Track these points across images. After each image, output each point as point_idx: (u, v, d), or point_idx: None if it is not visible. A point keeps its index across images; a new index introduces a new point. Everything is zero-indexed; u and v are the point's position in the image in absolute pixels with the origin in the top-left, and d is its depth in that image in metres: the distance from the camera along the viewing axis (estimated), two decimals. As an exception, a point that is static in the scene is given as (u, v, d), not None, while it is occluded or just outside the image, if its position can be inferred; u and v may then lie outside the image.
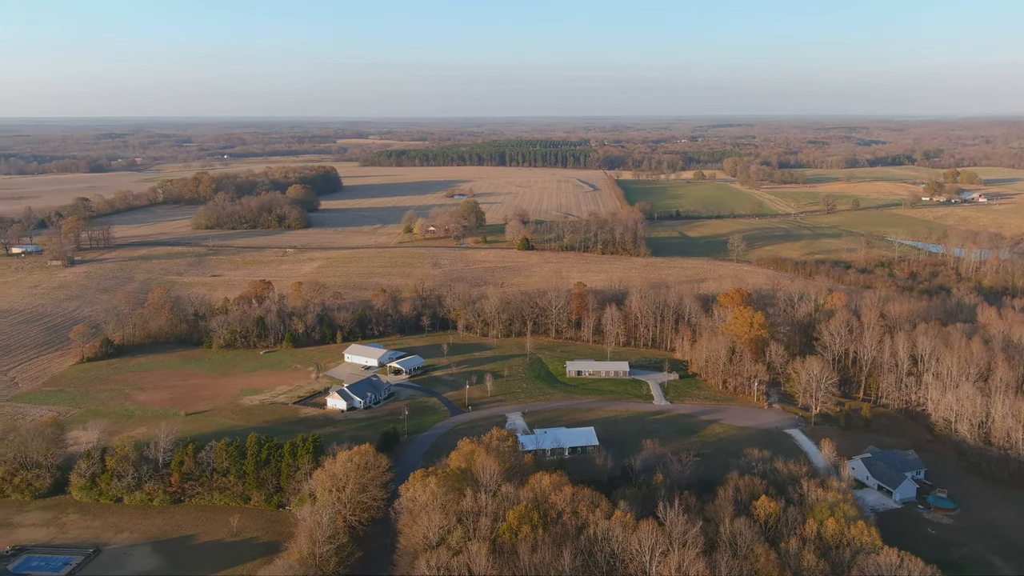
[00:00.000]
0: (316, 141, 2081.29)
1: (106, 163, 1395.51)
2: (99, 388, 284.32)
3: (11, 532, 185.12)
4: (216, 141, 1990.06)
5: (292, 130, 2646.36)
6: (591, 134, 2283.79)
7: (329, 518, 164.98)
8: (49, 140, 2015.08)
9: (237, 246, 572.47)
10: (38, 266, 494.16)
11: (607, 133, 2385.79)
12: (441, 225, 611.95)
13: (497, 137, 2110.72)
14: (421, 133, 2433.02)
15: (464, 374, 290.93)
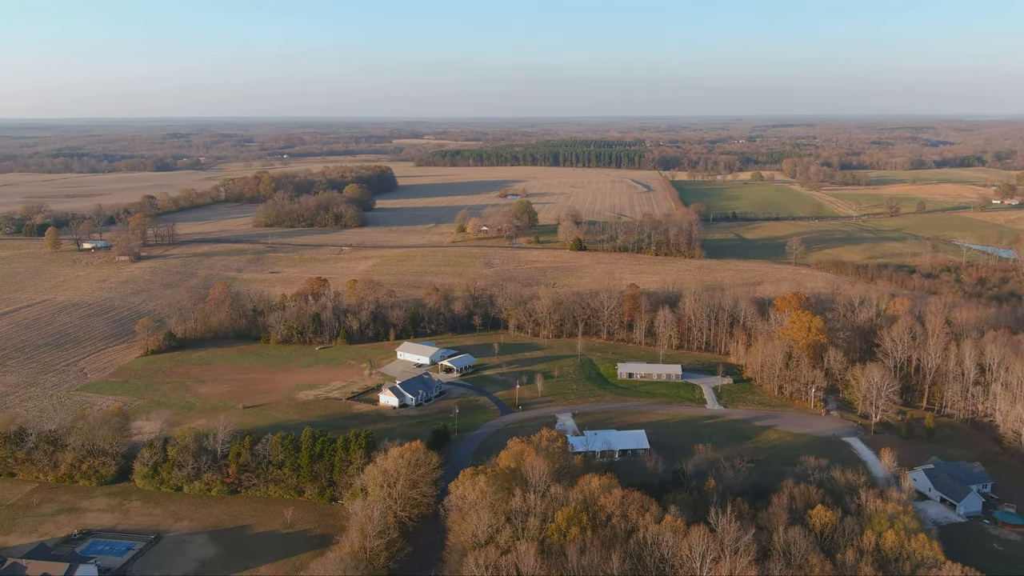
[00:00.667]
0: (372, 141, 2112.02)
1: (172, 162, 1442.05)
2: (162, 380, 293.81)
3: (79, 516, 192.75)
4: (276, 141, 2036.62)
5: (349, 130, 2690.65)
6: (646, 134, 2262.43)
7: (380, 513, 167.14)
8: (119, 140, 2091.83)
9: (295, 244, 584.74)
10: (107, 261, 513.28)
11: (662, 133, 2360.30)
12: (494, 225, 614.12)
13: (551, 137, 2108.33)
14: (475, 133, 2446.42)
15: (515, 374, 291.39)
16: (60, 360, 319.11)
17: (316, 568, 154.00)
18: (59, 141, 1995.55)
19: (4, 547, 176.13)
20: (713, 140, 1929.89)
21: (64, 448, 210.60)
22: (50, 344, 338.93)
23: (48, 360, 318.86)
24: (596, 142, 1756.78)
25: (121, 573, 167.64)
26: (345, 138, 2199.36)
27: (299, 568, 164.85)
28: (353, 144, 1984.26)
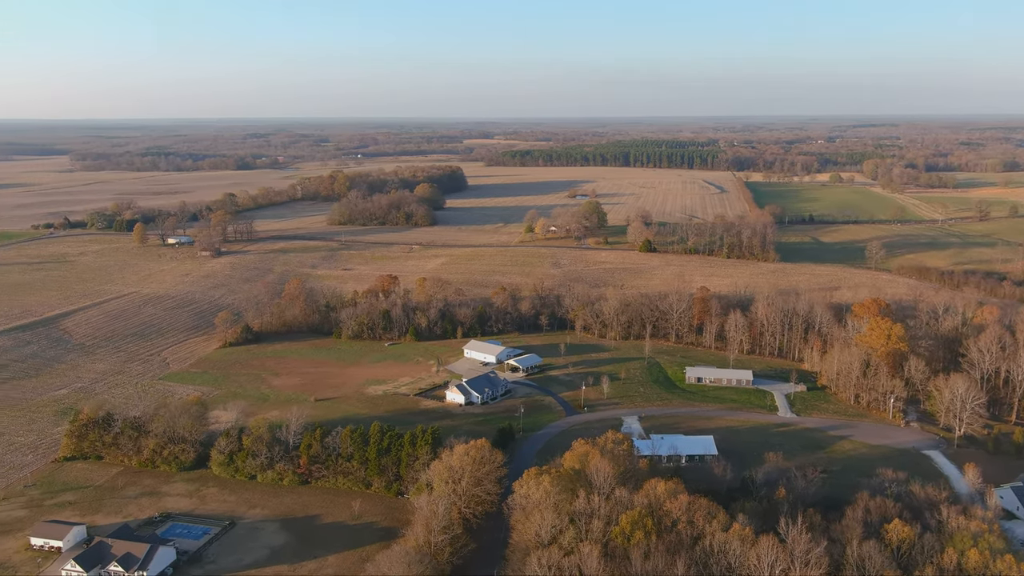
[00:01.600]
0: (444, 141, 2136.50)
1: (251, 161, 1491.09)
2: (239, 371, 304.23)
3: (159, 500, 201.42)
4: (351, 141, 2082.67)
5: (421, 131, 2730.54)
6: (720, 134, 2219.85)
7: (445, 509, 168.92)
8: (202, 139, 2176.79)
9: (367, 241, 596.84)
10: (189, 256, 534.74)
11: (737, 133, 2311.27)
12: (562, 225, 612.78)
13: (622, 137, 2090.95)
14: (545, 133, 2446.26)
15: (580, 375, 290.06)
16: (145, 350, 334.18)
17: (382, 560, 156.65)
18: (148, 141, 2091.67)
19: (92, 526, 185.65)
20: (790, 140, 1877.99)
21: (147, 434, 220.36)
22: (136, 334, 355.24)
23: (134, 350, 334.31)
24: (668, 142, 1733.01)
25: (197, 556, 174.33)
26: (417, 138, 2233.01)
27: (365, 559, 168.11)
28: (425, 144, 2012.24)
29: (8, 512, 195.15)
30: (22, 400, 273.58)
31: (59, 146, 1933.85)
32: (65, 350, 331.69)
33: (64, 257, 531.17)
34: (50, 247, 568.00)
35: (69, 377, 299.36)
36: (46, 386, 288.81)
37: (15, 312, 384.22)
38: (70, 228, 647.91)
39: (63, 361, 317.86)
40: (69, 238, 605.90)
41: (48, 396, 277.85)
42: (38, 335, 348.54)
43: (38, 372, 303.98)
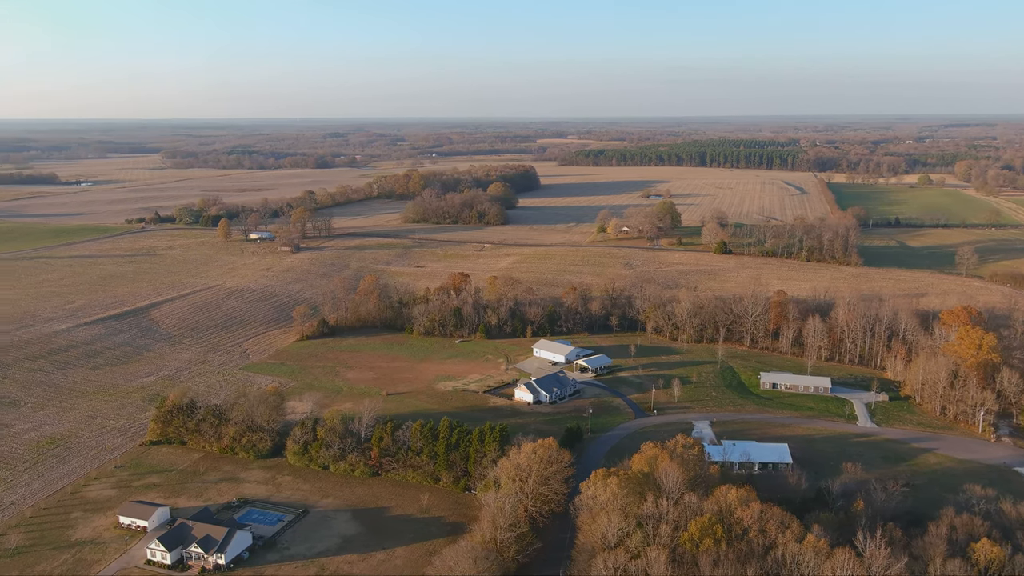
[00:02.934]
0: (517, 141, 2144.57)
1: (330, 160, 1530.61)
2: (314, 364, 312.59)
3: (237, 486, 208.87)
4: (426, 140, 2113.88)
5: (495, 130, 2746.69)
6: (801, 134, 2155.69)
7: (511, 506, 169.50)
8: (284, 138, 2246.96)
9: (439, 239, 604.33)
10: (270, 251, 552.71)
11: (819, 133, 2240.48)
12: (635, 225, 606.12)
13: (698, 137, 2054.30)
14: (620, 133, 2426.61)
15: (651, 377, 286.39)
16: (227, 341, 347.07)
17: (448, 555, 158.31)
18: (233, 140, 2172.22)
19: (175, 508, 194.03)
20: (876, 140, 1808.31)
21: (227, 422, 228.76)
22: (219, 326, 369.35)
23: (216, 340, 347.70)
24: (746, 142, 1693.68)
25: (272, 542, 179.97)
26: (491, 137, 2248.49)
27: (432, 553, 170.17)
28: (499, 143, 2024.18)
29: (100, 491, 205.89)
30: (113, 386, 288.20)
31: (151, 145, 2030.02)
32: (153, 339, 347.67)
33: (154, 250, 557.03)
34: (141, 241, 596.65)
35: (156, 365, 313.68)
36: (135, 373, 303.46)
37: (109, 302, 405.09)
38: (160, 223, 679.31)
39: (151, 349, 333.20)
40: (159, 232, 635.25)
41: (137, 383, 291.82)
42: (129, 324, 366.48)
43: (128, 359, 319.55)
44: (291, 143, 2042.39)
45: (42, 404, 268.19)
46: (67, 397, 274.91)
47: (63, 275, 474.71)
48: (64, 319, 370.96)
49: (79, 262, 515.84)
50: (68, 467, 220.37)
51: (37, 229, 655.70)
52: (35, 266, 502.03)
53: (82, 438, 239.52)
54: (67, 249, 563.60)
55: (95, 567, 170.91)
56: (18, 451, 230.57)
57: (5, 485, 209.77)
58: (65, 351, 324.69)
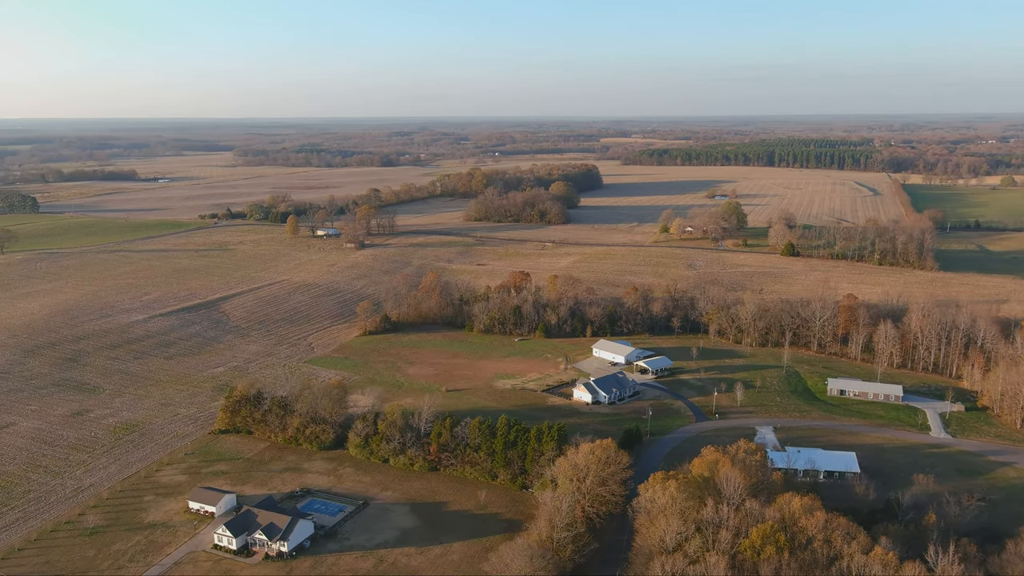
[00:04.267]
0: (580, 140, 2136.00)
1: (395, 158, 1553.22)
2: (376, 359, 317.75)
3: (301, 476, 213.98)
4: (489, 139, 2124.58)
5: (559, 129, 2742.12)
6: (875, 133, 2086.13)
7: (568, 506, 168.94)
8: (351, 137, 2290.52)
9: (500, 238, 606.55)
10: (335, 247, 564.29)
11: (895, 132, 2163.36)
12: (699, 226, 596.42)
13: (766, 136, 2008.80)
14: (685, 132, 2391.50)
15: (713, 380, 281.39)
16: (293, 334, 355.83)
17: (505, 552, 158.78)
18: (302, 138, 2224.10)
19: (241, 495, 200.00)
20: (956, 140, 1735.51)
21: (292, 413, 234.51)
22: (285, 319, 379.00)
23: (283, 333, 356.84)
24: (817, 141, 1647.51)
25: (332, 532, 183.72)
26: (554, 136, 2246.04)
27: (489, 549, 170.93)
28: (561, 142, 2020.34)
29: (171, 476, 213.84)
30: (186, 375, 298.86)
31: (224, 143, 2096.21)
32: (223, 331, 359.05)
33: (225, 245, 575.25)
34: (214, 236, 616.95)
35: (226, 356, 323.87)
36: (206, 363, 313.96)
37: (182, 295, 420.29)
38: (231, 219, 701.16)
39: (221, 341, 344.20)
40: (230, 228, 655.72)
41: (207, 373, 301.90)
42: (201, 316, 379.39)
43: (200, 350, 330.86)
44: (357, 142, 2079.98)
45: (119, 391, 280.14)
46: (142, 385, 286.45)
47: (140, 268, 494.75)
48: (141, 310, 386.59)
49: (155, 256, 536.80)
50: (142, 452, 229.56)
51: (117, 224, 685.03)
52: (114, 259, 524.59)
53: (155, 425, 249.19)
54: (144, 243, 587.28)
55: (166, 549, 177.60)
56: (97, 436, 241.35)
57: (85, 468, 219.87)
58: (141, 341, 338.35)
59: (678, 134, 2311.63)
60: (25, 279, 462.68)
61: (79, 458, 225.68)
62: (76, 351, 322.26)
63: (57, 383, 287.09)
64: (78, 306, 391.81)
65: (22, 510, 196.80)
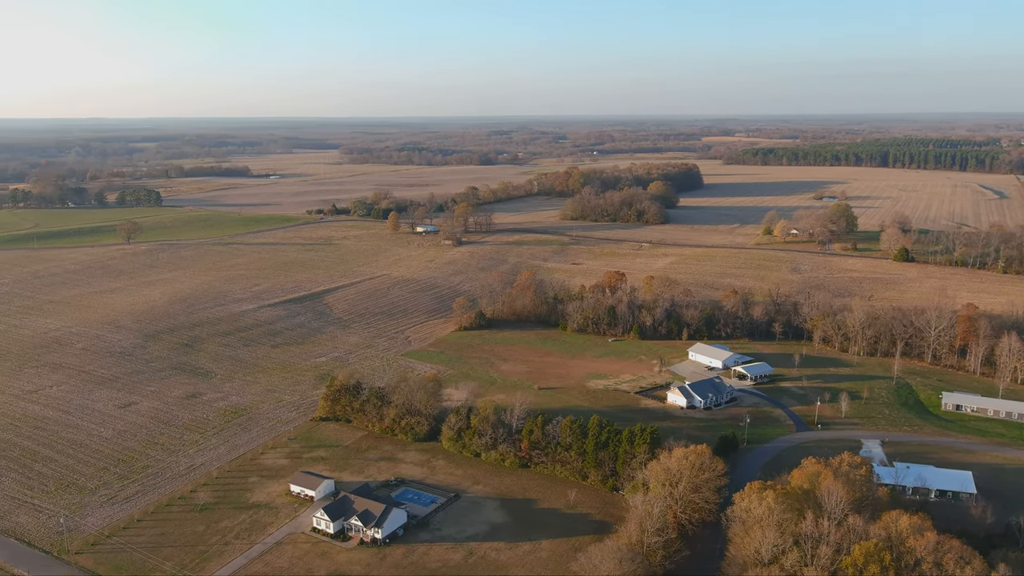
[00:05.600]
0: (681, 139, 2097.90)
1: (493, 157, 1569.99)
2: (471, 354, 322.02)
3: (395, 466, 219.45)
4: (587, 138, 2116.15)
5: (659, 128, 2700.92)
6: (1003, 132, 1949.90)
7: (660, 510, 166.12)
8: (451, 136, 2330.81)
9: (596, 237, 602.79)
10: (434, 244, 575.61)
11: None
12: (805, 228, 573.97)
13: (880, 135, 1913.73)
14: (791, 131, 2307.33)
15: (815, 389, 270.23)
16: (391, 328, 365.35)
17: (594, 553, 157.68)
18: (404, 137, 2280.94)
19: (339, 481, 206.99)
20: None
21: (389, 404, 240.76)
22: (384, 313, 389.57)
23: (382, 326, 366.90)
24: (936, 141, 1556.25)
25: (425, 522, 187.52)
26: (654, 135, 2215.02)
27: (577, 549, 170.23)
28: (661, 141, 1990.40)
29: (274, 460, 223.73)
30: (290, 364, 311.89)
31: (331, 141, 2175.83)
32: (326, 322, 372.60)
33: (330, 240, 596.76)
34: (320, 231, 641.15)
35: (328, 347, 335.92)
36: (309, 353, 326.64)
37: (289, 286, 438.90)
38: (336, 214, 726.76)
39: (324, 332, 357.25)
40: (335, 223, 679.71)
41: (310, 362, 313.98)
42: (306, 307, 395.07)
43: (304, 340, 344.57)
44: (457, 140, 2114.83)
45: (229, 376, 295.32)
46: (250, 371, 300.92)
47: (251, 260, 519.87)
48: (250, 300, 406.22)
49: (265, 248, 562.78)
50: (249, 435, 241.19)
51: (231, 217, 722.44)
52: (228, 251, 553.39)
53: (261, 410, 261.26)
54: (255, 236, 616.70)
55: (268, 529, 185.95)
56: (208, 418, 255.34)
57: (197, 447, 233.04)
58: (250, 329, 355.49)
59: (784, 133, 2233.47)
60: (148, 268, 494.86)
61: (192, 438, 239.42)
62: (192, 337, 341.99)
63: (174, 367, 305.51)
64: (194, 295, 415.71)
65: (141, 484, 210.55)
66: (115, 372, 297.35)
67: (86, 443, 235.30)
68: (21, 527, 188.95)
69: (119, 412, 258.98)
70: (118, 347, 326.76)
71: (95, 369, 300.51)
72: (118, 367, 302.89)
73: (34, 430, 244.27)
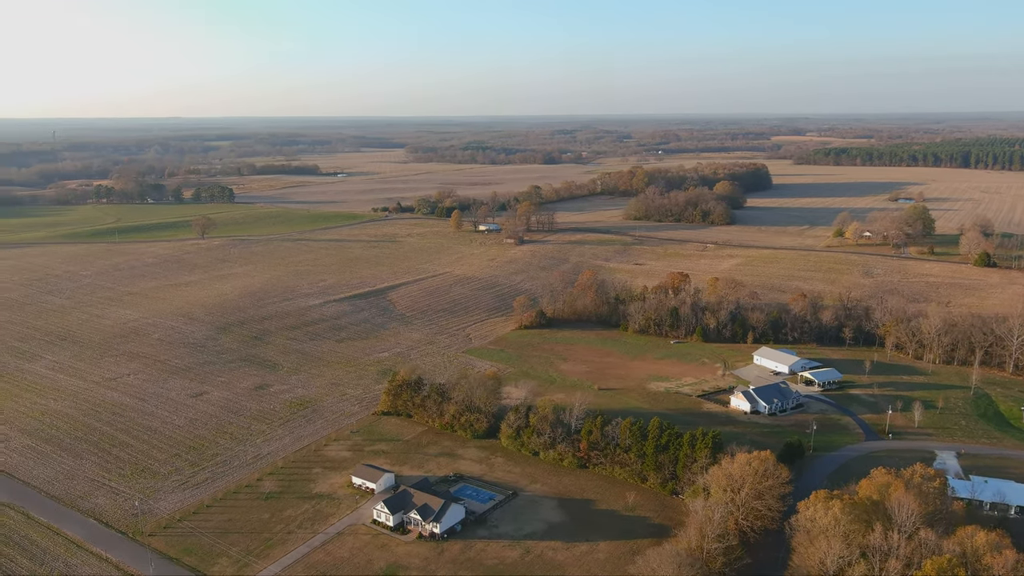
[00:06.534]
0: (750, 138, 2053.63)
1: (557, 156, 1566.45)
2: (530, 353, 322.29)
3: (454, 462, 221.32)
4: (652, 137, 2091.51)
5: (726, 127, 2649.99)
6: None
7: (721, 516, 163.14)
8: (515, 135, 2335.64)
9: (660, 238, 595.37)
10: (496, 242, 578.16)
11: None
12: (879, 231, 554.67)
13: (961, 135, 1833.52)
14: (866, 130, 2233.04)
15: (887, 397, 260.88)
16: (452, 325, 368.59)
17: (652, 557, 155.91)
18: (468, 136, 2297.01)
19: (399, 475, 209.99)
20: None
21: (449, 400, 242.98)
22: (446, 310, 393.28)
23: (443, 323, 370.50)
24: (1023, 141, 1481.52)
25: (482, 519, 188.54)
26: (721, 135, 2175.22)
27: (635, 552, 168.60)
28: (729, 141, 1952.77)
29: (337, 452, 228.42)
30: (354, 358, 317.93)
31: (397, 140, 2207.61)
32: (389, 318, 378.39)
33: (394, 237, 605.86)
34: (384, 228, 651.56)
35: (390, 342, 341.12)
36: (372, 348, 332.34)
37: (354, 282, 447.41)
38: (401, 212, 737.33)
39: (387, 328, 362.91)
40: (399, 221, 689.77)
41: (373, 357, 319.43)
42: (370, 303, 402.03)
43: (367, 335, 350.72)
44: (521, 140, 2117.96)
45: (296, 369, 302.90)
46: (315, 365, 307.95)
47: (318, 256, 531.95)
48: (317, 295, 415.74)
49: (331, 245, 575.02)
50: (313, 427, 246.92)
51: (299, 214, 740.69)
52: (296, 247, 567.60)
53: (326, 403, 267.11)
54: (322, 233, 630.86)
55: (330, 519, 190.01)
56: (275, 409, 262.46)
57: (263, 437, 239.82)
58: (316, 324, 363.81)
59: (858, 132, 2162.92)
60: (221, 262, 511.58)
61: (259, 428, 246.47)
62: (261, 330, 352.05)
63: (244, 358, 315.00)
64: (263, 289, 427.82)
65: (211, 471, 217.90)
66: (188, 362, 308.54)
67: (160, 430, 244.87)
68: (99, 508, 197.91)
69: (191, 401, 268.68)
70: (191, 338, 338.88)
71: (170, 359, 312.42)
72: (191, 357, 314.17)
73: (112, 416, 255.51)
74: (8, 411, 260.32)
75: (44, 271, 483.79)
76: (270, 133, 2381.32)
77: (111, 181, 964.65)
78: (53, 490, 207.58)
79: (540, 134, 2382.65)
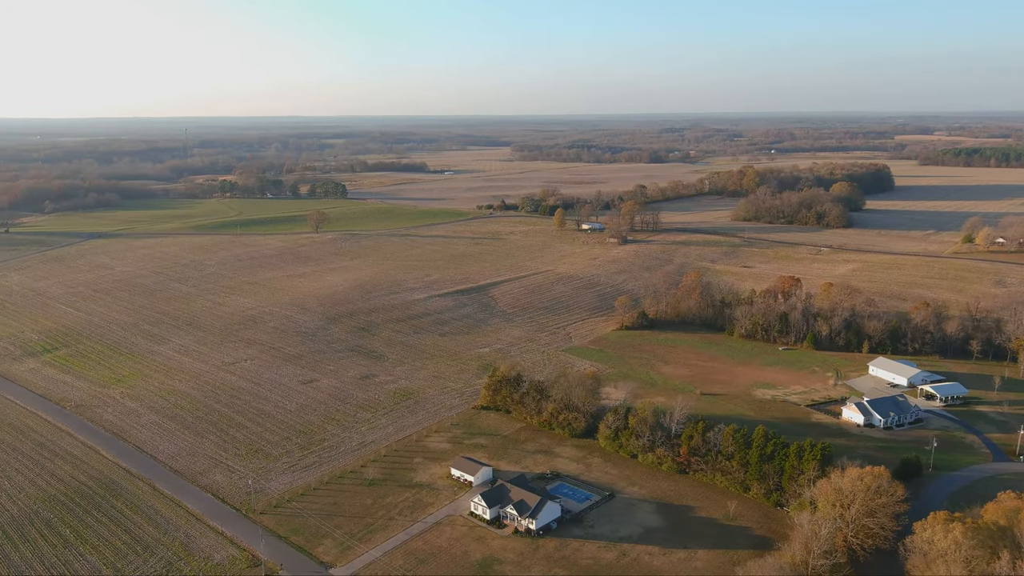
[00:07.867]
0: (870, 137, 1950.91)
1: (664, 154, 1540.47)
2: (631, 354, 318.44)
3: (552, 459, 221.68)
4: (765, 136, 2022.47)
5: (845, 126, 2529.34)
6: None
7: (828, 532, 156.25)
8: (621, 133, 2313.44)
9: (770, 240, 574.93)
10: (598, 242, 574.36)
11: None
12: (1014, 237, 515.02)
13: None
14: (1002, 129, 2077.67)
15: (1019, 417, 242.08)
16: (553, 323, 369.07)
17: (754, 569, 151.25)
18: (574, 135, 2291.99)
19: (497, 469, 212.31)
20: None
21: (547, 398, 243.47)
22: (547, 308, 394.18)
23: (544, 321, 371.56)
24: None
25: (578, 518, 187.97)
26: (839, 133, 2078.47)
27: (735, 563, 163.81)
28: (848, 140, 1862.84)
29: (437, 443, 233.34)
30: (456, 352, 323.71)
31: (503, 138, 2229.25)
32: (491, 314, 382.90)
33: (498, 235, 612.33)
34: (488, 225, 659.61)
35: (491, 338, 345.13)
36: (474, 343, 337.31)
37: (458, 278, 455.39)
38: (505, 210, 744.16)
39: (488, 324, 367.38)
40: (503, 218, 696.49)
41: (474, 352, 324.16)
42: (472, 299, 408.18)
43: (469, 330, 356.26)
44: (627, 138, 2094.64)
45: (400, 361, 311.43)
46: (419, 358, 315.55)
47: (424, 251, 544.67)
48: (422, 290, 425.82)
49: (437, 241, 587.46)
50: (415, 418, 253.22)
51: (407, 211, 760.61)
52: (403, 242, 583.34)
53: (428, 395, 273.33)
54: (429, 229, 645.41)
55: (428, 509, 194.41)
56: (379, 398, 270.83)
57: (369, 425, 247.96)
58: (421, 317, 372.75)
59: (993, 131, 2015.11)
60: (332, 256, 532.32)
61: (364, 416, 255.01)
62: (368, 322, 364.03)
63: (351, 348, 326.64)
64: (371, 282, 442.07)
65: (318, 455, 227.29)
66: (300, 350, 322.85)
67: (273, 414, 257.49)
68: (216, 484, 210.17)
69: (302, 388, 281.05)
70: (304, 327, 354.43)
71: (283, 346, 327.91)
72: (303, 346, 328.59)
73: (230, 398, 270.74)
74: (139, 389, 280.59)
75: (174, 260, 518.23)
76: (381, 131, 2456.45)
77: (234, 176, 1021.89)
78: (176, 465, 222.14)
79: (647, 132, 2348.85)
